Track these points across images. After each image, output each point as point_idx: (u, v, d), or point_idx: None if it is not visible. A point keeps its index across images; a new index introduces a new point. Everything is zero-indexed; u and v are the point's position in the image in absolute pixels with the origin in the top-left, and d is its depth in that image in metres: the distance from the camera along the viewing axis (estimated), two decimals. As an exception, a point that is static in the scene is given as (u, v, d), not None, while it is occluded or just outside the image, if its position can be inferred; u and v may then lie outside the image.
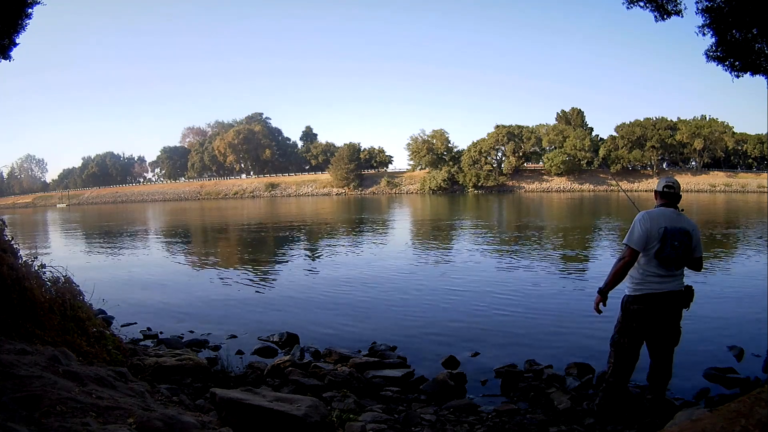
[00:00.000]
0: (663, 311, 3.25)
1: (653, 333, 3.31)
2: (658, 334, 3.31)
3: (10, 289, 3.37)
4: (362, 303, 7.54)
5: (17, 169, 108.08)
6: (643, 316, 3.25)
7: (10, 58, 4.30)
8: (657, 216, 3.25)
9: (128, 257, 14.46)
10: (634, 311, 3.26)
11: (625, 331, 3.33)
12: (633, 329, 3.30)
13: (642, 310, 3.24)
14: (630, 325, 3.30)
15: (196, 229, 25.94)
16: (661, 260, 3.18)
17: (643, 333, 3.31)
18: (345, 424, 3.14)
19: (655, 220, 3.22)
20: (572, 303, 7.23)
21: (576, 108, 72.81)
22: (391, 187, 74.02)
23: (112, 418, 2.31)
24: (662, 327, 3.29)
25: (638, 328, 3.29)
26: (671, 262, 3.19)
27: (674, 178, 3.51)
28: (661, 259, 3.18)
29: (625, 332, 3.33)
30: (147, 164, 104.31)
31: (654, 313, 3.24)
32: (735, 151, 66.24)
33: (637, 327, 3.28)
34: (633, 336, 3.32)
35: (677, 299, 3.26)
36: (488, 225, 21.73)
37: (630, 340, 3.33)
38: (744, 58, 4.54)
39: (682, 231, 3.21)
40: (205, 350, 5.49)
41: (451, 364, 4.81)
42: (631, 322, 3.29)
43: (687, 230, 3.24)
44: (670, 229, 3.18)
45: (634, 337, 3.32)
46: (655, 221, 3.21)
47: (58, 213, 54.49)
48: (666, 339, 3.33)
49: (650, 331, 3.30)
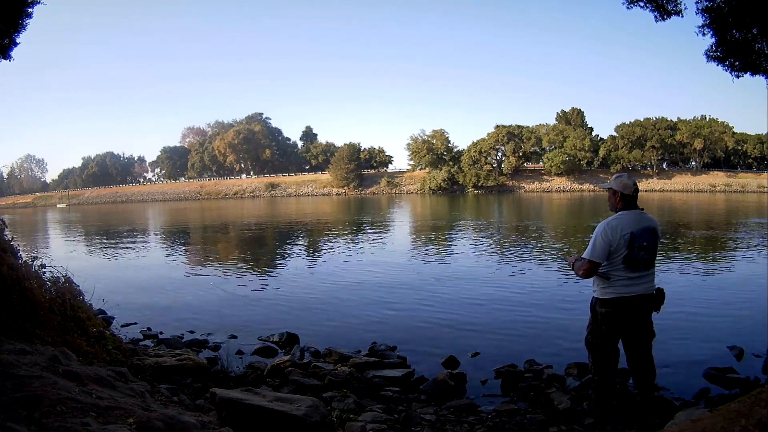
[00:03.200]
0: (632, 314, 3.18)
1: (625, 333, 3.27)
2: (630, 334, 3.26)
3: (10, 289, 3.37)
4: (362, 303, 7.54)
5: (17, 169, 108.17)
6: (612, 319, 3.20)
7: (10, 57, 4.30)
8: (619, 224, 3.13)
9: (128, 257, 14.45)
10: (603, 314, 3.22)
11: (596, 332, 3.30)
12: (603, 331, 3.26)
13: (610, 313, 3.19)
14: (599, 327, 3.26)
15: (196, 229, 25.93)
16: (629, 264, 3.11)
17: (614, 333, 3.27)
18: (345, 424, 3.14)
19: (617, 229, 3.10)
20: (572, 303, 7.23)
21: (576, 108, 72.92)
22: (391, 187, 74.01)
23: (112, 418, 2.30)
24: (633, 328, 3.23)
25: (608, 330, 3.24)
26: (640, 264, 3.13)
27: (627, 174, 3.34)
28: (630, 263, 3.11)
29: (596, 333, 3.30)
30: (147, 164, 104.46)
31: (623, 316, 3.18)
32: (735, 151, 66.26)
33: (607, 329, 3.24)
34: (604, 337, 3.27)
35: (646, 302, 3.19)
36: (488, 225, 21.72)
37: (602, 341, 3.29)
38: (744, 58, 4.54)
39: (649, 230, 3.14)
40: (205, 350, 5.49)
41: (451, 364, 4.81)
42: (600, 325, 3.25)
43: (653, 228, 3.17)
44: (637, 232, 3.10)
45: (606, 338, 3.28)
46: (617, 230, 3.10)
47: (58, 213, 54.47)
48: (639, 338, 3.26)
49: (621, 331, 3.26)
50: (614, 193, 3.24)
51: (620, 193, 3.20)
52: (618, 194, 3.21)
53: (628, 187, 3.19)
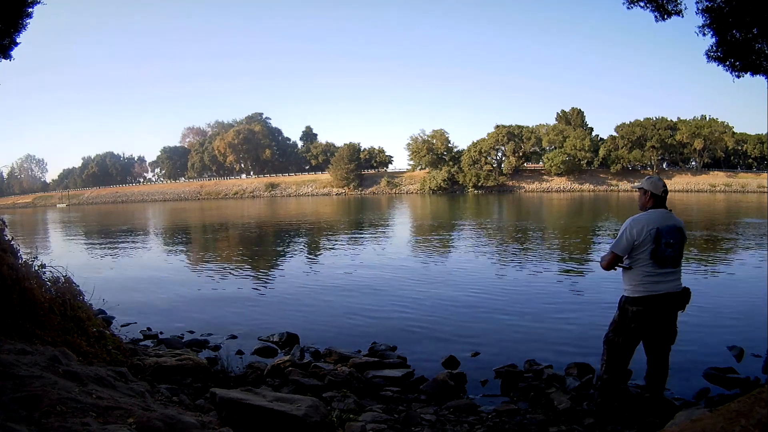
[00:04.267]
0: (661, 313, 3.26)
1: (650, 333, 3.33)
2: (656, 334, 3.33)
3: (10, 289, 3.37)
4: (362, 303, 7.54)
5: (17, 169, 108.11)
6: (642, 318, 3.26)
7: (10, 57, 4.30)
8: (646, 219, 3.26)
9: (128, 257, 14.46)
10: (634, 312, 3.27)
11: (621, 330, 3.35)
12: (631, 330, 3.31)
13: (641, 312, 3.25)
14: (628, 326, 3.31)
15: (196, 229, 25.94)
16: (657, 260, 3.20)
17: (640, 333, 3.33)
18: (345, 424, 3.14)
19: (644, 224, 3.23)
20: (572, 303, 7.24)
21: (576, 108, 72.85)
22: (391, 187, 73.99)
23: (112, 418, 2.30)
24: (660, 328, 3.30)
25: (636, 329, 3.30)
26: (667, 261, 3.21)
27: (658, 177, 3.49)
28: (657, 258, 3.20)
29: (621, 332, 3.35)
30: (147, 164, 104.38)
31: (652, 315, 3.25)
32: (735, 151, 66.25)
33: (636, 328, 3.30)
34: (629, 336, 3.34)
35: (674, 301, 3.27)
36: (488, 225, 21.72)
37: (625, 340, 3.35)
38: (744, 58, 4.54)
39: (676, 228, 3.25)
40: (205, 350, 5.49)
41: (451, 364, 4.81)
42: (629, 323, 3.30)
43: (679, 227, 3.28)
44: (663, 228, 3.20)
45: (631, 337, 3.34)
46: (644, 225, 3.23)
47: (58, 213, 54.46)
48: (663, 339, 3.34)
49: (648, 331, 3.32)
50: (645, 192, 3.38)
51: (650, 192, 3.34)
52: (648, 194, 3.35)
53: (659, 187, 3.34)
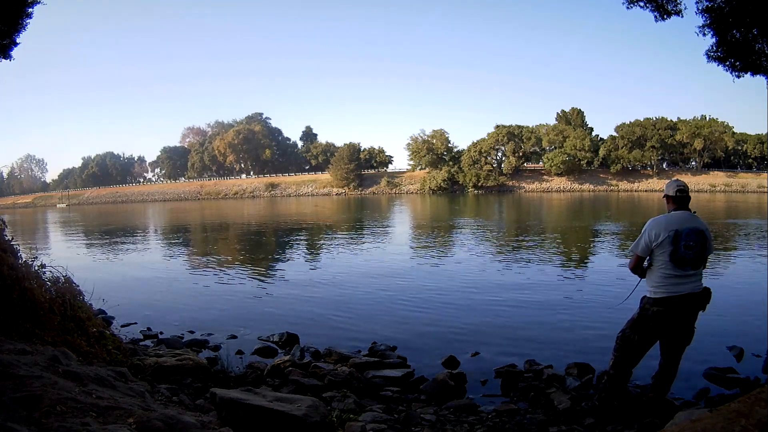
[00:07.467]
0: (681, 313, 3.28)
1: (668, 334, 3.36)
2: (673, 335, 3.35)
3: (10, 289, 3.37)
4: (362, 303, 7.54)
5: (17, 169, 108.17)
6: (662, 318, 3.29)
7: (10, 57, 4.31)
8: (665, 221, 3.29)
9: (128, 257, 14.46)
10: (654, 313, 3.30)
11: (639, 329, 3.37)
12: (650, 329, 3.34)
13: (662, 312, 3.28)
14: (647, 325, 3.34)
15: (195, 229, 25.93)
16: (676, 262, 3.23)
17: (658, 333, 3.36)
18: (345, 424, 3.14)
19: (662, 225, 3.27)
20: (573, 303, 7.23)
21: (576, 108, 72.80)
22: (391, 187, 73.98)
23: (112, 418, 2.30)
24: (678, 328, 3.33)
25: (655, 328, 3.33)
26: (687, 262, 3.24)
27: (681, 180, 3.54)
28: (676, 260, 3.23)
29: (639, 330, 3.38)
30: (147, 164, 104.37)
31: (672, 315, 3.28)
32: (735, 151, 66.27)
33: (655, 327, 3.33)
34: (646, 335, 3.37)
35: (695, 301, 3.30)
36: (488, 225, 21.72)
37: (641, 338, 3.38)
38: (744, 58, 4.55)
39: (696, 231, 3.26)
40: (205, 350, 5.49)
41: (451, 364, 4.81)
42: (649, 323, 3.33)
43: (701, 230, 3.29)
44: (682, 231, 3.22)
45: (648, 336, 3.37)
46: (663, 226, 3.26)
47: (58, 213, 54.45)
48: (680, 339, 3.37)
49: (666, 332, 3.35)
50: (665, 196, 3.49)
51: (667, 195, 3.46)
52: (669, 197, 3.45)
53: (671, 188, 3.42)
